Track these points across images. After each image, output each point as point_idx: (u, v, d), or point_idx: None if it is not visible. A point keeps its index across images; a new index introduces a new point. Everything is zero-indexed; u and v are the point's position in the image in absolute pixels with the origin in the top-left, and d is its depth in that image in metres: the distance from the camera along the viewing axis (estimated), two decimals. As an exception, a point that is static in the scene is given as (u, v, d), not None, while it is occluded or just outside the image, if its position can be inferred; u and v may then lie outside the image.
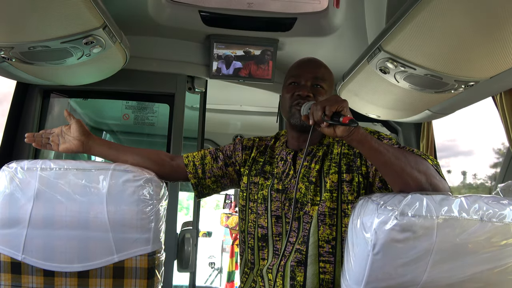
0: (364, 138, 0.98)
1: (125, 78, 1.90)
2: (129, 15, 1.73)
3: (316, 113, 0.97)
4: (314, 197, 1.17)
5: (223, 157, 1.34)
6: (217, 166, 1.33)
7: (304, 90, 1.21)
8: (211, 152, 1.36)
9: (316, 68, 1.27)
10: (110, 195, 1.09)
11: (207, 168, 1.33)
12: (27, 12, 1.09)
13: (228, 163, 1.34)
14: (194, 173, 1.32)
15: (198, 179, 1.33)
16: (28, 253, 1.09)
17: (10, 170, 1.11)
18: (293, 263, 1.15)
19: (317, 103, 0.99)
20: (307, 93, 1.21)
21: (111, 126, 2.55)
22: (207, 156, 1.34)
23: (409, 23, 1.10)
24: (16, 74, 1.57)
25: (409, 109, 1.79)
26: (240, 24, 1.84)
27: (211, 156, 1.34)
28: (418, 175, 0.96)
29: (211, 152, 1.36)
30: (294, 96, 1.23)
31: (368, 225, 0.89)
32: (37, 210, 1.09)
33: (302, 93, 1.21)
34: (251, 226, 1.26)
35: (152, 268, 1.13)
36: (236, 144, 1.37)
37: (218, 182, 1.34)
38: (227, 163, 1.34)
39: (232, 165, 1.34)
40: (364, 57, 1.44)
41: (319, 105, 0.97)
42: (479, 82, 1.33)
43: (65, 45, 1.29)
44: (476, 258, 0.86)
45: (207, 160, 1.34)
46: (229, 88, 2.32)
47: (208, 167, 1.33)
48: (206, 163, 1.33)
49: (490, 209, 0.87)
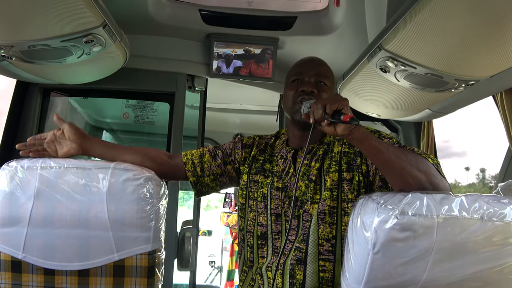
0: (364, 137, 0.98)
1: (125, 76, 1.90)
2: (129, 14, 1.73)
3: (317, 111, 0.96)
4: (314, 195, 1.17)
5: (222, 155, 1.34)
6: (216, 164, 1.33)
7: (308, 86, 1.22)
8: (210, 150, 1.36)
9: (318, 66, 1.28)
10: (110, 194, 1.09)
11: (205, 166, 1.33)
12: (27, 10, 1.09)
13: (227, 161, 1.34)
14: (193, 171, 1.32)
15: (197, 177, 1.33)
16: (28, 251, 1.09)
17: (10, 169, 1.11)
18: (292, 261, 1.15)
19: (318, 101, 0.99)
20: (311, 89, 1.21)
21: (111, 125, 2.55)
22: (206, 154, 1.34)
23: (410, 22, 1.09)
24: (16, 73, 1.57)
25: (409, 108, 1.79)
26: (240, 23, 1.84)
27: (209, 154, 1.34)
28: (419, 174, 0.96)
29: (210, 150, 1.36)
30: (298, 92, 1.23)
31: (368, 224, 0.89)
32: (37, 209, 1.09)
33: (306, 88, 1.21)
34: (250, 224, 1.26)
35: (152, 267, 1.13)
36: (235, 142, 1.37)
37: (217, 180, 1.34)
38: (226, 161, 1.34)
39: (231, 163, 1.34)
40: (365, 56, 1.43)
41: (319, 104, 0.97)
42: (479, 81, 1.33)
43: (65, 44, 1.29)
44: (476, 257, 0.86)
45: (206, 158, 1.33)
46: (229, 87, 2.32)
47: (206, 165, 1.33)
48: (204, 161, 1.33)
49: (490, 208, 0.86)
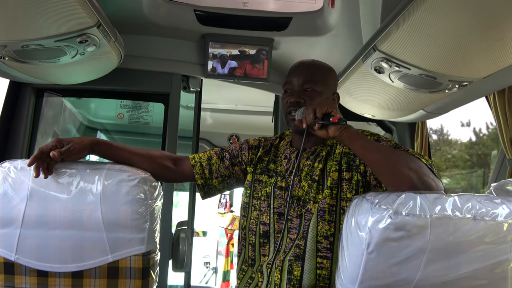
0: (355, 136, 1.04)
1: (119, 77, 1.89)
2: (124, 14, 1.72)
3: (308, 116, 1.05)
4: (316, 195, 1.19)
5: (229, 157, 1.36)
6: (224, 166, 1.35)
7: (296, 96, 1.24)
8: (217, 152, 1.37)
9: (306, 72, 1.27)
10: (104, 195, 1.08)
11: (214, 168, 1.34)
12: (21, 10, 1.08)
13: (235, 162, 1.36)
14: (201, 173, 1.33)
15: (205, 179, 1.34)
16: (21, 253, 1.08)
17: (3, 170, 1.10)
18: (291, 257, 1.16)
19: (308, 107, 1.07)
20: (296, 99, 1.23)
21: (105, 125, 2.54)
22: (213, 156, 1.35)
23: (404, 23, 1.10)
24: (9, 73, 1.56)
25: (403, 109, 1.80)
26: (235, 23, 1.84)
27: (217, 156, 1.36)
28: (409, 172, 0.98)
29: (217, 153, 1.37)
30: (287, 103, 1.26)
31: (362, 224, 0.89)
32: (30, 210, 1.08)
33: (294, 100, 1.23)
34: (253, 223, 1.27)
35: (146, 268, 1.13)
36: (242, 144, 1.39)
37: (224, 182, 1.36)
38: (233, 163, 1.36)
39: (238, 164, 1.36)
40: (359, 57, 1.44)
41: (310, 108, 1.05)
42: (472, 82, 1.34)
43: (59, 44, 1.28)
44: (469, 256, 0.87)
45: (214, 160, 1.35)
46: (224, 87, 2.32)
47: (215, 167, 1.34)
48: (213, 163, 1.34)
49: (483, 208, 0.87)
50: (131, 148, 1.28)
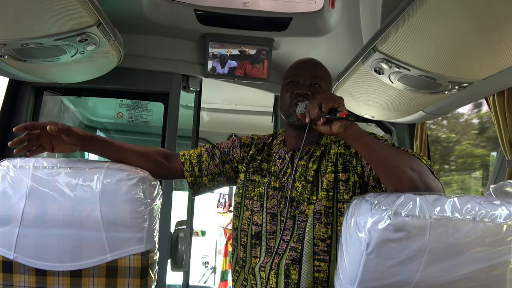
0: (359, 134, 0.99)
1: (119, 76, 1.89)
2: (124, 13, 1.72)
3: (313, 110, 0.98)
4: (310, 196, 1.17)
5: (220, 155, 1.34)
6: (214, 164, 1.33)
7: (303, 88, 1.22)
8: (207, 149, 1.36)
9: (314, 68, 1.28)
10: (103, 194, 1.08)
11: (203, 166, 1.32)
12: (20, 8, 1.08)
13: (225, 160, 1.34)
14: (191, 171, 1.32)
15: (194, 177, 1.33)
16: (20, 252, 1.08)
17: (2, 168, 1.09)
18: (287, 261, 1.15)
19: (313, 100, 1.00)
20: (306, 91, 1.21)
21: (105, 124, 2.54)
22: (204, 154, 1.34)
23: (404, 24, 1.10)
24: (9, 71, 1.56)
25: (403, 110, 1.80)
26: (235, 23, 1.84)
27: (207, 153, 1.34)
28: (412, 173, 0.97)
29: (208, 150, 1.35)
30: (293, 95, 1.23)
31: (362, 225, 0.89)
32: (29, 209, 1.07)
33: (301, 91, 1.21)
34: (245, 223, 1.26)
35: (145, 268, 1.12)
36: (234, 141, 1.37)
37: (214, 180, 1.34)
38: (224, 161, 1.34)
39: (229, 162, 1.34)
40: (359, 58, 1.44)
41: (315, 102, 0.98)
42: (472, 83, 1.34)
43: (59, 43, 1.28)
44: (468, 257, 0.87)
45: (204, 158, 1.33)
46: (224, 87, 2.32)
47: (205, 165, 1.33)
48: (202, 161, 1.33)
49: (482, 209, 0.87)
50: (125, 144, 1.27)
